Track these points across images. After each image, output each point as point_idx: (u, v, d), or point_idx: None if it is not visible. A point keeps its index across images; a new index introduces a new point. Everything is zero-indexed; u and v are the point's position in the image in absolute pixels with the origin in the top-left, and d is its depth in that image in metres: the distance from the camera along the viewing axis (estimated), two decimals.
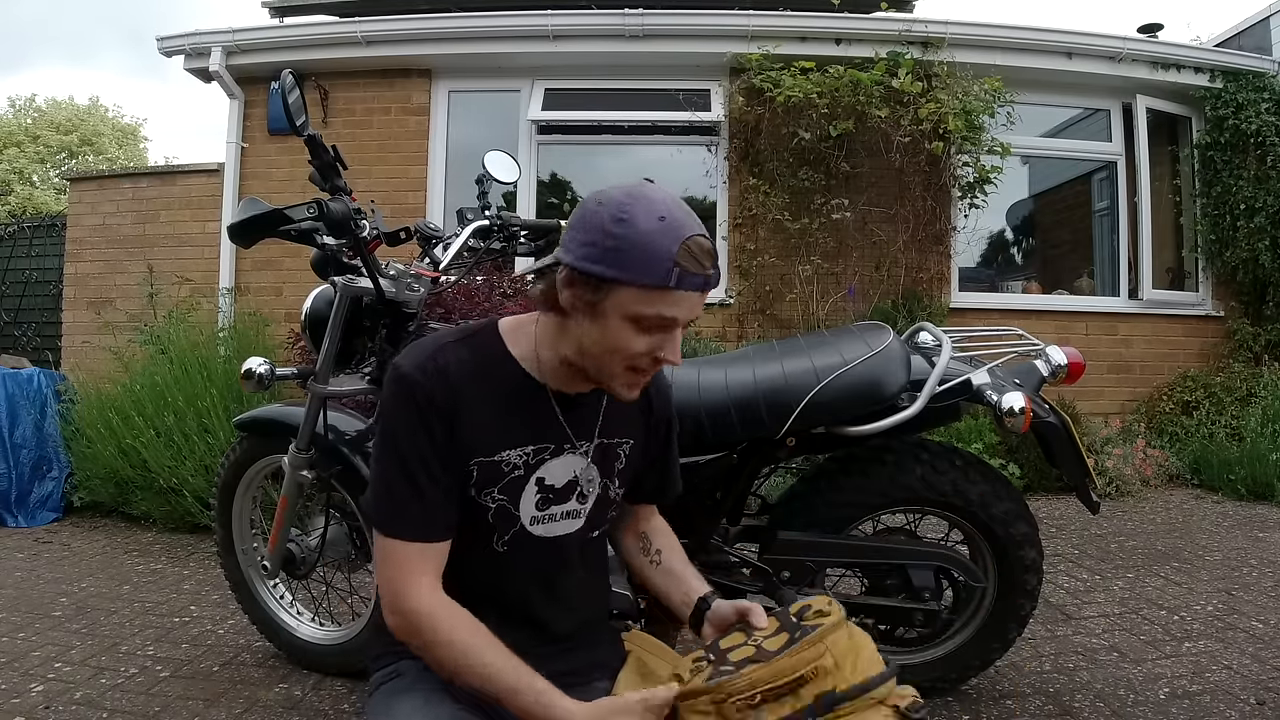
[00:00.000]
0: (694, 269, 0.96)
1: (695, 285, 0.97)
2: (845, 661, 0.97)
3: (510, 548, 1.11)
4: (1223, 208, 5.35)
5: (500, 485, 1.08)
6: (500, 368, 1.09)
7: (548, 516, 1.13)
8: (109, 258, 5.57)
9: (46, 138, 18.93)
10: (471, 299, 3.31)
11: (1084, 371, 1.82)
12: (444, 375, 1.04)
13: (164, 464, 3.54)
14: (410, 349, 1.09)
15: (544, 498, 1.12)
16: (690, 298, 0.98)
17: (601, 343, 1.00)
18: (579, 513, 1.16)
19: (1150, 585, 2.86)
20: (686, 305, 0.98)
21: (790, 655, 0.97)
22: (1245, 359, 5.24)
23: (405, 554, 1.03)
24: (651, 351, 1.00)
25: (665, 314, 0.97)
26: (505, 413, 1.08)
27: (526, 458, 1.09)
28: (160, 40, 5.33)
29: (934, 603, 1.81)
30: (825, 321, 4.84)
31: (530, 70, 5.36)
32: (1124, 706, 1.94)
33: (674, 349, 1.01)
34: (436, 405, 1.02)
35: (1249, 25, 5.97)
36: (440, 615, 1.01)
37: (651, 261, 0.94)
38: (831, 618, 1.02)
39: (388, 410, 1.05)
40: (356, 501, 1.98)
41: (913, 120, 4.66)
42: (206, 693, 2.05)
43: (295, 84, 1.60)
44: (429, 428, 1.02)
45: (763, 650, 1.01)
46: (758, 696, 0.95)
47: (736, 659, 1.01)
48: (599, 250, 0.95)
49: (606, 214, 0.96)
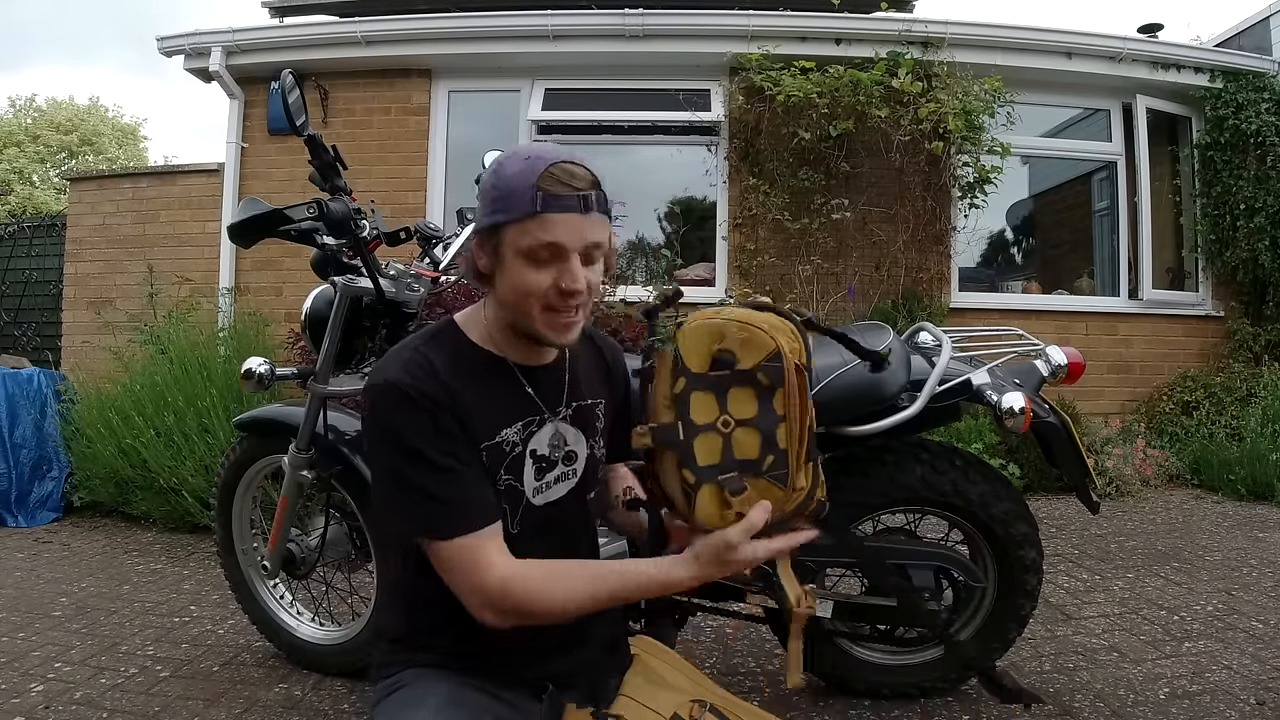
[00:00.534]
0: (557, 190, 0.99)
1: (567, 206, 1.00)
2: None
3: (522, 528, 1.12)
4: (1223, 208, 5.35)
5: (505, 465, 1.10)
6: (470, 356, 1.11)
7: (545, 485, 1.15)
8: (109, 258, 5.57)
9: (46, 137, 18.92)
10: (471, 299, 3.31)
11: (1084, 371, 1.82)
12: (432, 373, 1.04)
13: (164, 464, 3.54)
14: (384, 361, 1.09)
15: (539, 468, 1.14)
16: (567, 220, 1.00)
17: (511, 289, 1.04)
18: (570, 474, 1.19)
19: (1150, 585, 2.86)
20: (565, 228, 1.00)
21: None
22: (1245, 359, 5.24)
23: (470, 549, 1.02)
24: (555, 284, 1.02)
25: (543, 238, 1.00)
26: (489, 396, 1.09)
27: (519, 433, 1.12)
28: (160, 40, 5.33)
29: (934, 603, 1.81)
30: (825, 321, 4.83)
31: (530, 70, 5.36)
32: (1124, 706, 1.94)
33: (570, 275, 1.01)
34: (440, 402, 1.02)
35: (1249, 25, 5.97)
36: (518, 586, 1.01)
37: (516, 194, 1.00)
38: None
39: (391, 420, 1.02)
40: (357, 501, 1.98)
41: (913, 120, 4.66)
42: (206, 693, 2.05)
43: (295, 84, 1.61)
44: (441, 425, 1.02)
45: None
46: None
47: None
48: (486, 205, 1.04)
49: (487, 175, 1.06)
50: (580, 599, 1.01)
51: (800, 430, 1.01)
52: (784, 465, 1.01)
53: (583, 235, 1.02)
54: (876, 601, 1.83)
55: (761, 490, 1.01)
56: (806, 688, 2.03)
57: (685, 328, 1.08)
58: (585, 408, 1.21)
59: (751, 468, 1.01)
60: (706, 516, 1.02)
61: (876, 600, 1.84)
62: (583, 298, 1.04)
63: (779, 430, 1.01)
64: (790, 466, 1.01)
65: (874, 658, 1.97)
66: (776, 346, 1.01)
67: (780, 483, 1.01)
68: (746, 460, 1.02)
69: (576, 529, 1.23)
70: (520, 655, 1.10)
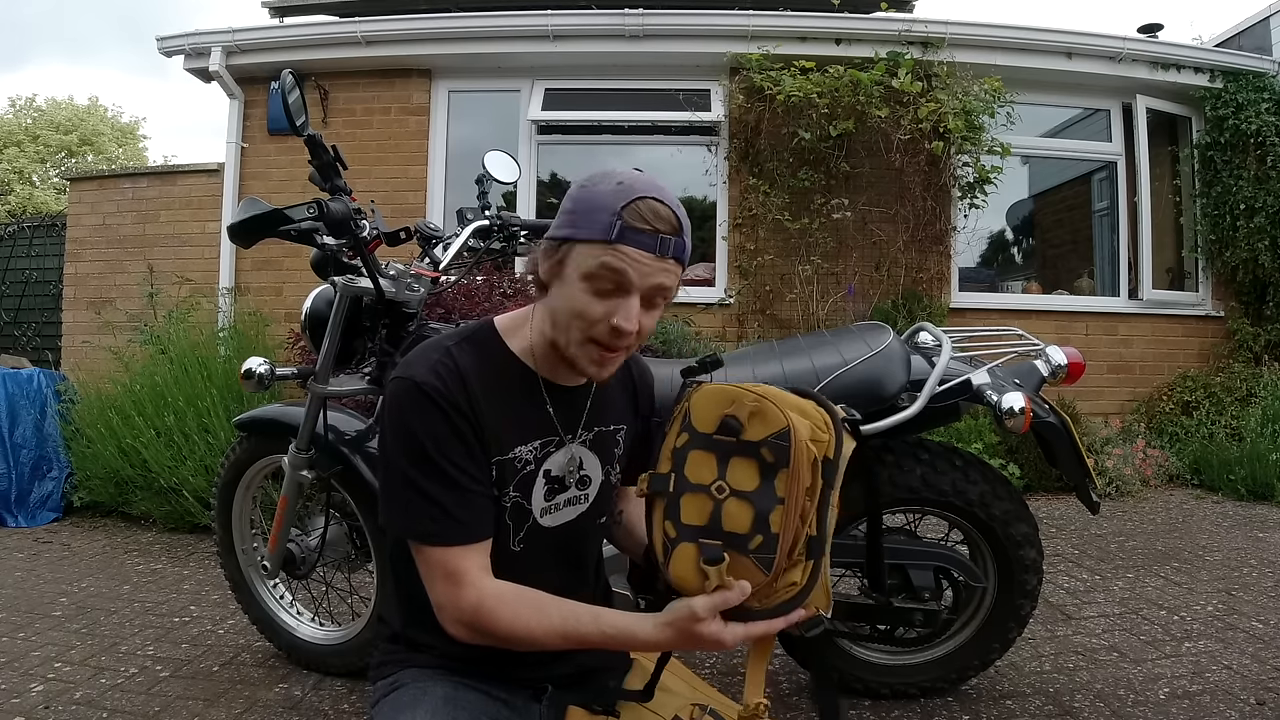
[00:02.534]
0: (638, 224, 0.96)
1: (642, 244, 0.96)
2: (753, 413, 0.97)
3: (526, 544, 1.11)
4: (1223, 208, 5.35)
5: (514, 482, 1.08)
6: (502, 364, 1.09)
7: (554, 506, 1.13)
8: (109, 258, 5.57)
9: (46, 137, 18.91)
10: (471, 299, 3.31)
11: (1084, 372, 1.82)
12: (459, 377, 1.02)
13: (164, 464, 3.55)
14: (414, 356, 1.06)
15: (550, 489, 1.12)
16: (639, 258, 0.96)
17: (564, 307, 1.01)
18: (582, 498, 1.17)
19: (1150, 585, 2.86)
20: (635, 265, 0.96)
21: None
22: (1245, 359, 5.24)
23: (455, 561, 1.00)
24: (606, 318, 0.98)
25: (610, 268, 0.96)
26: (512, 409, 1.07)
27: (535, 452, 1.10)
28: (160, 40, 5.33)
29: (934, 603, 1.81)
30: (825, 321, 4.84)
31: (530, 70, 5.37)
32: (1124, 706, 1.94)
33: (625, 314, 0.98)
34: (460, 408, 1.01)
35: (1249, 25, 5.98)
36: (490, 610, 0.99)
37: (596, 215, 0.97)
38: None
39: (408, 420, 1.01)
40: (357, 501, 1.98)
41: (912, 120, 4.66)
42: (206, 693, 2.05)
43: (295, 84, 1.60)
44: (459, 431, 1.01)
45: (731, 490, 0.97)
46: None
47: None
48: (563, 217, 1.01)
49: (574, 187, 1.02)
50: (549, 637, 0.99)
51: (798, 520, 0.93)
52: (772, 550, 0.92)
53: (651, 277, 0.98)
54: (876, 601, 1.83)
55: (743, 569, 0.94)
56: (805, 688, 2.04)
57: (704, 388, 1.04)
58: (605, 433, 1.19)
59: (737, 542, 0.94)
60: (679, 575, 0.97)
61: (876, 600, 1.84)
62: (630, 340, 1.01)
63: (775, 512, 0.93)
64: (779, 553, 0.92)
65: (874, 658, 1.98)
66: (787, 425, 0.93)
67: (764, 567, 0.93)
68: (734, 533, 0.94)
69: (582, 552, 1.21)
70: (520, 657, 1.09)
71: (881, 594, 1.78)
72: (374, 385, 1.92)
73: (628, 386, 1.25)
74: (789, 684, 2.06)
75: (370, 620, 2.05)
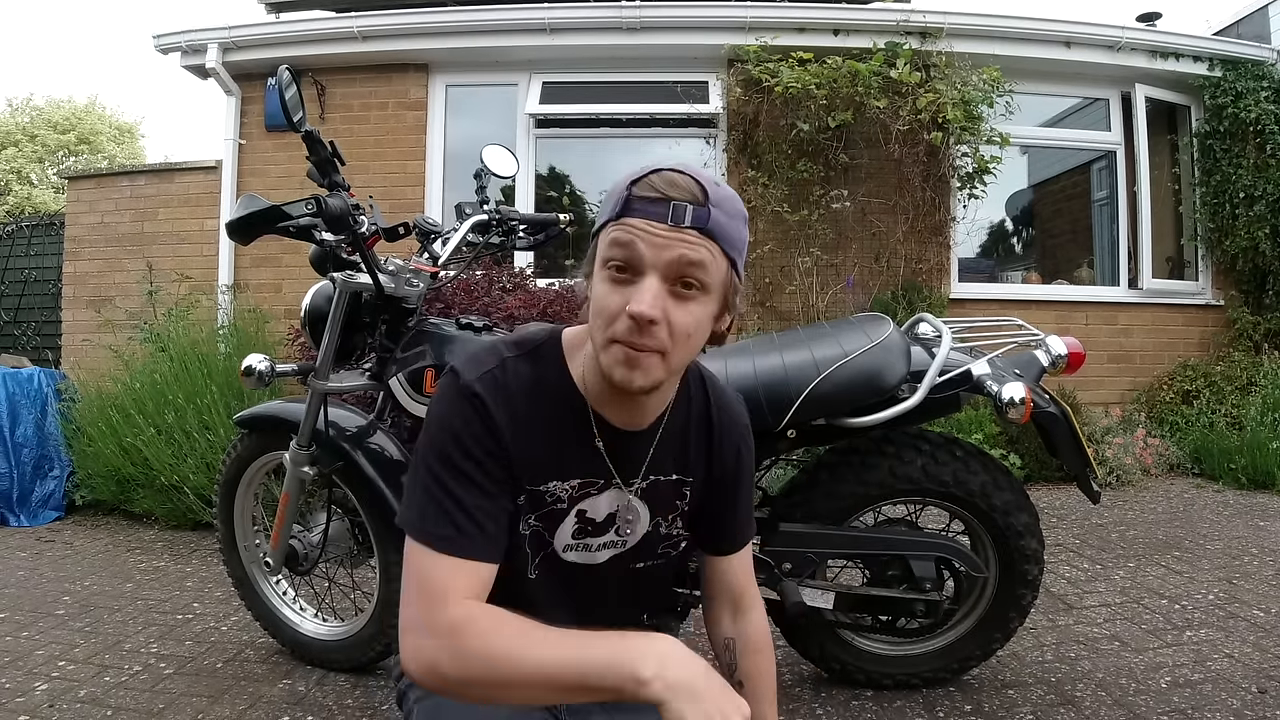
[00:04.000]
0: (647, 193, 0.85)
1: (650, 213, 0.84)
2: None
3: (541, 572, 1.03)
4: (1222, 196, 5.34)
5: (539, 513, 1.00)
6: (556, 390, 0.98)
7: (583, 545, 1.05)
8: (108, 256, 5.57)
9: (44, 137, 18.91)
10: (471, 294, 3.31)
11: (1084, 361, 1.82)
12: (507, 394, 0.94)
13: (165, 461, 3.55)
14: (473, 357, 0.98)
15: (581, 528, 1.03)
16: (646, 229, 0.84)
17: (591, 307, 0.90)
18: (620, 543, 1.07)
19: (1151, 574, 2.86)
20: (644, 238, 0.84)
21: None
22: (1245, 348, 5.24)
23: (448, 574, 0.88)
24: (625, 307, 0.85)
25: (618, 238, 0.85)
26: (556, 442, 0.98)
27: (571, 491, 1.00)
28: (156, 37, 5.31)
29: (935, 593, 1.82)
30: (825, 313, 4.84)
31: (528, 64, 5.35)
32: (1125, 695, 1.94)
33: (640, 295, 0.84)
34: (498, 426, 0.93)
35: (1248, 14, 5.97)
36: (478, 616, 0.85)
37: (613, 194, 0.89)
38: None
39: (445, 419, 0.94)
40: (358, 497, 1.99)
41: (911, 111, 4.65)
42: (210, 689, 2.06)
43: (292, 80, 1.60)
44: (489, 447, 0.93)
45: None
46: None
47: None
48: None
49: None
50: (529, 667, 0.80)
51: None
52: None
53: (665, 250, 0.84)
54: (878, 592, 1.84)
55: None
56: (808, 679, 2.04)
57: None
58: (663, 483, 1.05)
59: None
60: None
61: (878, 591, 1.84)
62: (659, 333, 0.86)
63: None
64: None
65: (876, 649, 1.98)
66: None
67: None
68: None
69: (606, 594, 1.09)
70: None
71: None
72: (374, 381, 1.92)
73: (704, 433, 1.08)
74: (791, 675, 2.06)
75: (374, 615, 2.06)
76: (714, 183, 0.87)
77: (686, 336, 0.88)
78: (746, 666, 1.12)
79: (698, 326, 0.88)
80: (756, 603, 1.17)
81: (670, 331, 0.86)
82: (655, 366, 0.88)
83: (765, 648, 1.14)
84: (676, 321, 0.86)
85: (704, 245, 0.85)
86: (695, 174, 0.87)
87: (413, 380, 1.76)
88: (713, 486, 1.10)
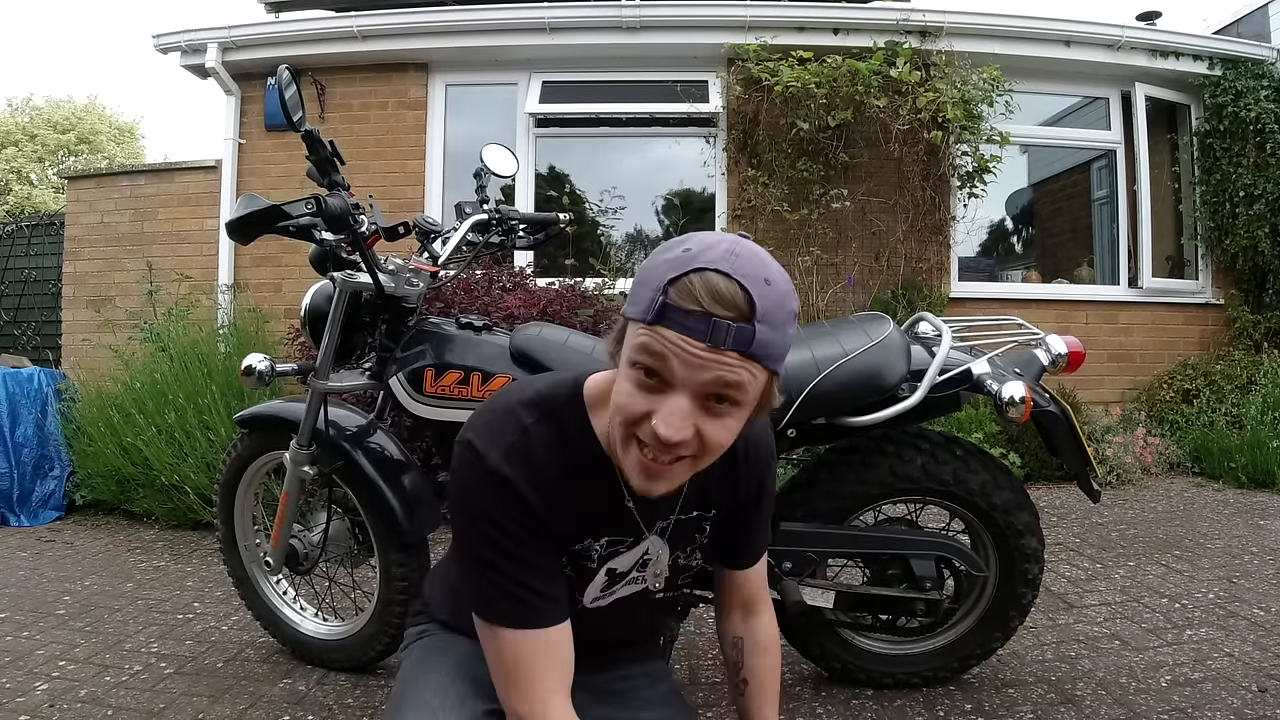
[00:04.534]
0: (684, 303, 0.76)
1: (687, 328, 0.76)
2: None
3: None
4: (1222, 195, 5.34)
5: (574, 567, 1.00)
6: (581, 453, 0.94)
7: (609, 594, 1.06)
8: (108, 256, 5.57)
9: (44, 136, 18.91)
10: (471, 293, 3.31)
11: (1084, 360, 1.82)
12: (532, 468, 0.91)
13: (165, 461, 3.55)
14: (489, 427, 0.93)
15: (610, 580, 1.04)
16: (682, 345, 0.76)
17: (615, 396, 0.84)
18: (640, 579, 1.07)
19: (1151, 573, 2.86)
20: (679, 355, 0.76)
21: None
22: (1245, 346, 5.24)
23: (531, 647, 0.91)
24: (647, 414, 0.80)
25: (649, 346, 0.78)
26: (586, 503, 0.96)
27: (601, 549, 1.00)
28: (156, 37, 5.31)
29: (936, 592, 1.82)
30: (825, 312, 4.84)
31: (527, 63, 5.35)
32: (1126, 694, 1.94)
33: (667, 415, 0.78)
34: (530, 504, 0.91)
35: (1248, 13, 5.97)
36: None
37: (644, 289, 0.79)
38: None
39: (478, 504, 0.91)
40: (358, 496, 1.99)
41: (911, 110, 4.65)
42: (211, 689, 2.06)
43: (292, 79, 1.59)
44: (529, 525, 0.91)
45: None
46: None
47: None
48: (633, 285, 0.85)
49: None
50: None
51: None
52: None
53: (701, 371, 0.77)
54: (878, 591, 1.84)
55: None
56: (808, 678, 2.04)
57: None
58: (686, 521, 1.05)
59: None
60: None
61: (878, 590, 1.84)
62: (684, 453, 0.82)
63: None
64: None
65: (876, 648, 1.98)
66: None
67: None
68: None
69: (619, 608, 1.09)
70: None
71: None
72: (374, 380, 1.92)
73: (730, 468, 1.04)
74: (791, 674, 2.06)
75: (374, 614, 2.05)
76: (763, 280, 0.77)
77: (719, 446, 0.83)
78: (752, 666, 1.15)
79: (730, 435, 0.84)
80: (768, 606, 1.19)
81: (700, 443, 0.82)
82: (680, 473, 0.85)
83: (773, 649, 1.17)
84: (708, 435, 0.81)
85: (745, 368, 0.78)
86: (741, 277, 0.76)
87: (413, 380, 1.76)
88: (735, 514, 1.10)
